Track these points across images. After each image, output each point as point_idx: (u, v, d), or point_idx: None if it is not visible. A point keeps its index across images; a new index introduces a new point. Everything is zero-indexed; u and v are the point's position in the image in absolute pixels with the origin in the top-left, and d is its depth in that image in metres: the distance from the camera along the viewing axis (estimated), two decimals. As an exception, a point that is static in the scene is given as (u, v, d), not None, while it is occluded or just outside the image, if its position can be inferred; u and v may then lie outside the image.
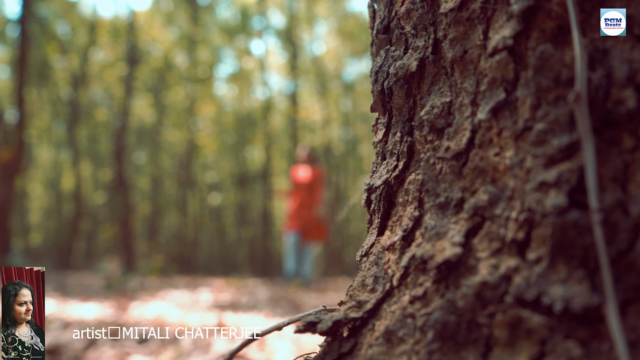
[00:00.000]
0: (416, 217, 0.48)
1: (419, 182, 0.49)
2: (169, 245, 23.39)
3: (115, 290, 4.21)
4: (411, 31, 0.54)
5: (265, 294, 3.86)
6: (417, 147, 0.51)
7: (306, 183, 6.31)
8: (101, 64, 16.56)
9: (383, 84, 0.56)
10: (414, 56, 0.53)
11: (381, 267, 0.50)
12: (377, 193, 0.54)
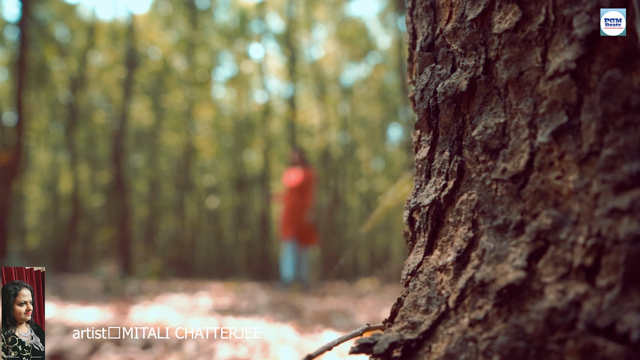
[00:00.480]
0: (471, 238, 0.48)
1: (473, 202, 0.49)
2: (167, 249, 23.32)
3: (113, 294, 4.19)
4: (459, 50, 0.53)
5: (265, 298, 3.85)
6: (467, 166, 0.51)
7: (297, 186, 6.24)
8: (100, 67, 16.53)
9: (429, 102, 0.55)
10: (463, 75, 0.52)
11: (434, 287, 0.49)
12: (424, 211, 0.54)
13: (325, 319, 2.59)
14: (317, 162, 22.18)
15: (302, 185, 6.22)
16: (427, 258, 0.53)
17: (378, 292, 5.72)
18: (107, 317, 2.54)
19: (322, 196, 21.39)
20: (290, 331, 2.20)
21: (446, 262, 0.50)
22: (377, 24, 20.62)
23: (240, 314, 2.82)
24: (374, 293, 5.34)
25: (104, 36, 15.91)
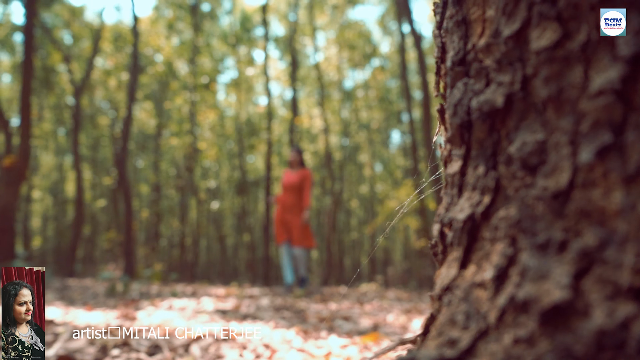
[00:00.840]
0: (510, 255, 0.48)
1: (511, 219, 0.48)
2: (169, 252, 23.33)
3: (118, 297, 4.19)
4: (493, 65, 0.53)
5: (268, 302, 3.84)
6: (503, 182, 0.51)
7: (296, 186, 6.14)
8: (104, 71, 16.58)
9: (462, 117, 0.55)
10: (499, 91, 0.52)
11: (472, 303, 0.49)
12: (458, 226, 0.53)
13: (329, 324, 2.59)
14: (319, 166, 22.20)
15: (301, 185, 6.14)
16: (462, 273, 0.53)
17: (380, 296, 5.71)
18: (113, 321, 2.54)
19: (324, 200, 21.39)
20: (296, 336, 2.20)
21: (484, 278, 0.49)
22: (378, 29, 20.66)
23: (244, 318, 2.82)
24: (376, 298, 5.33)
25: (108, 40, 15.96)
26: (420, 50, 6.91)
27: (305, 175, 6.14)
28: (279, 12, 20.58)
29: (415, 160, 10.54)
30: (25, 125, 6.43)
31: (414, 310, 3.53)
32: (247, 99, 23.21)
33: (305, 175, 6.14)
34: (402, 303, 4.50)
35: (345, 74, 21.46)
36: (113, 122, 18.01)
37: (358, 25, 19.46)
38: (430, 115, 6.84)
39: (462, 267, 0.53)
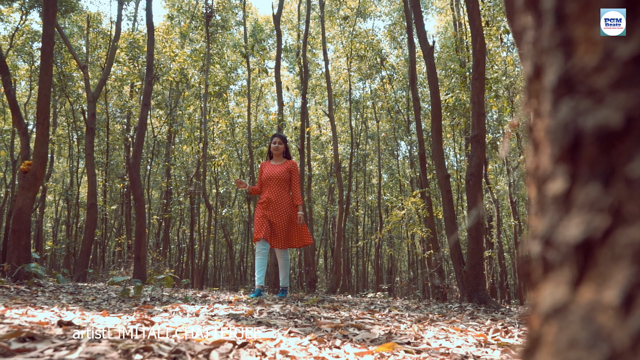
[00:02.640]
0: (634, 279, 0.49)
1: (634, 241, 0.49)
2: (177, 257, 23.41)
3: (130, 301, 4.25)
4: (606, 85, 0.53)
5: (279, 309, 3.89)
6: (622, 203, 0.51)
7: (277, 179, 5.47)
8: (118, 78, 16.80)
9: (570, 136, 0.55)
10: (612, 111, 0.52)
11: (594, 326, 0.49)
12: (569, 246, 0.53)
13: (342, 332, 2.63)
14: (327, 174, 22.24)
15: (287, 178, 5.50)
16: (578, 294, 0.53)
17: (388, 305, 5.73)
18: (131, 325, 2.61)
19: (331, 208, 21.41)
20: (311, 344, 2.25)
21: (606, 300, 0.50)
22: (387, 40, 20.75)
23: (258, 324, 2.87)
24: (386, 306, 5.37)
25: (122, 48, 16.18)
26: (432, 61, 6.97)
27: (292, 168, 5.52)
28: (291, 23, 20.77)
29: (424, 170, 10.58)
30: (43, 131, 6.56)
31: (425, 320, 3.57)
32: (258, 107, 23.35)
33: (292, 168, 5.52)
34: (412, 312, 4.54)
35: (353, 80, 21.57)
36: (126, 128, 18.21)
37: (368, 36, 19.58)
38: (441, 126, 6.88)
39: (574, 289, 0.53)
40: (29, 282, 5.57)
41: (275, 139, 5.69)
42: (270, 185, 5.48)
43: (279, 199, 5.44)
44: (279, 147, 5.66)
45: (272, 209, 5.41)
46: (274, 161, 5.66)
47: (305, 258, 13.64)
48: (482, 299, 6.02)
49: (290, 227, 5.45)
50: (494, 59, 13.98)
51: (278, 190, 5.46)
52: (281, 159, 5.66)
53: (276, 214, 5.40)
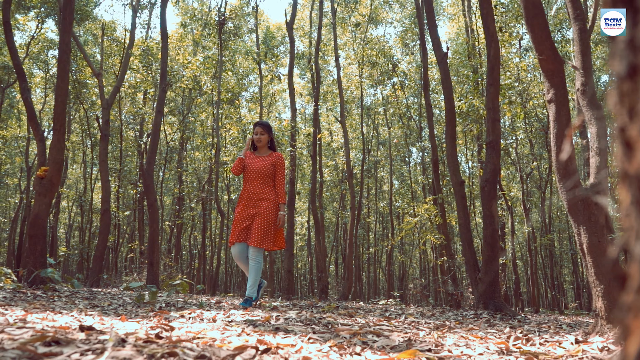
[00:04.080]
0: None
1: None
2: (190, 263, 23.49)
3: (146, 307, 4.26)
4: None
5: (295, 316, 3.88)
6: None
7: (260, 173, 4.87)
8: (132, 85, 16.97)
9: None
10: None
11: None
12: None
13: (361, 339, 2.62)
14: (338, 181, 22.23)
15: (271, 173, 4.90)
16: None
17: (403, 312, 5.70)
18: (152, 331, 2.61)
19: (343, 214, 21.39)
20: (331, 350, 2.24)
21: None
22: (399, 46, 20.77)
23: (276, 330, 2.86)
24: (400, 313, 5.33)
25: (136, 56, 16.36)
26: (446, 67, 6.95)
27: (277, 161, 4.92)
28: (302, 30, 20.87)
29: (437, 176, 10.53)
30: (59, 137, 6.62)
31: (444, 327, 3.54)
32: (270, 114, 23.44)
33: (277, 161, 4.92)
34: (427, 319, 4.50)
35: (365, 87, 21.59)
36: (139, 134, 18.37)
37: (379, 42, 19.62)
38: (455, 133, 6.85)
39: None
40: (45, 287, 5.61)
41: (257, 129, 4.98)
42: (251, 179, 4.88)
43: (260, 194, 4.83)
44: (261, 139, 4.97)
45: (253, 205, 4.82)
46: (258, 152, 5.02)
47: (317, 265, 13.61)
48: (497, 306, 5.96)
49: (268, 227, 4.79)
50: (507, 65, 13.93)
51: (260, 185, 4.85)
52: (266, 151, 5.01)
53: (256, 210, 4.80)
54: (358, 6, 18.90)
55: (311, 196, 13.56)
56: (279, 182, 4.90)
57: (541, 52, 3.09)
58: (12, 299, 4.07)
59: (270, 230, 4.79)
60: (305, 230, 28.62)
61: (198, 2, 20.27)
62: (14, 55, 7.79)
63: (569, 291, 29.92)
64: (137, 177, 18.99)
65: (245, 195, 4.87)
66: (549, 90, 3.23)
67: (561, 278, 23.15)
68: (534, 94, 15.27)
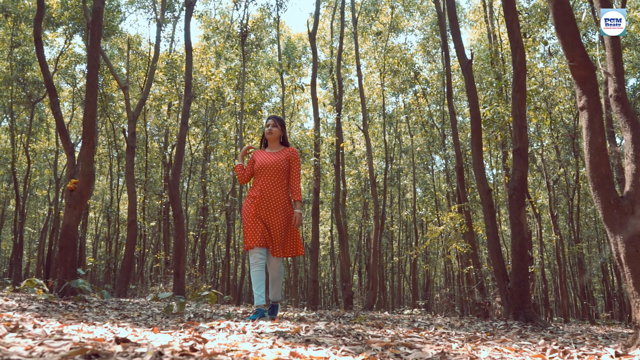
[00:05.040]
0: None
1: None
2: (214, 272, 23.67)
3: (174, 318, 4.29)
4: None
5: (324, 325, 3.86)
6: None
7: (273, 170, 4.43)
8: (156, 97, 17.28)
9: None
10: None
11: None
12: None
13: (393, 351, 2.59)
14: (361, 190, 22.18)
15: (286, 169, 4.47)
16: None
17: (431, 323, 5.63)
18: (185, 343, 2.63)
19: (366, 223, 21.31)
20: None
21: None
22: (420, 54, 20.72)
23: (307, 342, 2.85)
24: (429, 324, 5.27)
25: (161, 69, 16.66)
26: (470, 74, 6.90)
27: (291, 156, 4.51)
28: (323, 40, 20.99)
29: (462, 184, 10.42)
30: (88, 150, 6.76)
31: (476, 339, 3.48)
32: (292, 124, 23.59)
33: (291, 156, 4.51)
34: (457, 330, 4.44)
35: (387, 98, 21.58)
36: (163, 146, 18.64)
37: (401, 50, 19.60)
38: (481, 140, 6.78)
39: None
40: (75, 297, 5.71)
41: (269, 121, 4.59)
42: (263, 176, 4.43)
43: (274, 194, 4.39)
44: (272, 131, 4.56)
45: (267, 207, 4.35)
46: (269, 148, 4.63)
47: (341, 274, 13.57)
48: (528, 316, 5.84)
49: (286, 231, 4.41)
50: (531, 71, 13.76)
51: (273, 183, 4.41)
52: (277, 146, 4.62)
53: (271, 214, 4.35)
54: (379, 15, 18.93)
55: (335, 205, 13.55)
56: (294, 178, 4.48)
57: (572, 58, 3.05)
58: (45, 310, 4.14)
59: (289, 235, 4.46)
60: (328, 239, 28.59)
61: (220, 15, 20.59)
62: (44, 71, 8.00)
63: (599, 300, 29.22)
64: (162, 188, 19.27)
65: (256, 194, 4.40)
66: (581, 97, 3.18)
67: (590, 287, 22.62)
68: (559, 100, 15.05)
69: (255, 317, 4.14)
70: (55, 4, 16.35)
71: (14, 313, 3.51)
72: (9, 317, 3.21)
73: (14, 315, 3.30)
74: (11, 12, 17.62)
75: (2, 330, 2.33)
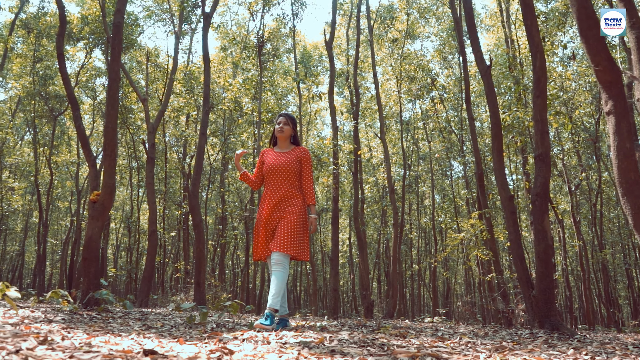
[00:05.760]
0: None
1: None
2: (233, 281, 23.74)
3: (199, 329, 4.30)
4: None
5: (348, 335, 3.83)
6: None
7: (284, 170, 4.17)
8: (175, 108, 17.48)
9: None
10: None
11: None
12: None
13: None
14: (379, 197, 22.10)
15: (297, 170, 4.21)
16: None
17: (454, 332, 5.55)
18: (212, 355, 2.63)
19: (385, 230, 21.21)
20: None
21: None
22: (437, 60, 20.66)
23: (332, 353, 2.83)
24: (453, 333, 5.20)
25: (179, 81, 16.87)
26: (490, 80, 6.85)
27: (303, 156, 4.24)
28: (339, 48, 21.06)
29: (482, 190, 10.31)
30: (110, 163, 6.85)
31: (504, 349, 3.43)
32: (308, 132, 23.66)
33: (303, 156, 4.24)
34: (483, 339, 4.37)
35: (404, 105, 21.53)
36: (182, 156, 18.84)
37: (417, 57, 19.56)
38: (502, 147, 6.71)
39: None
40: (99, 308, 5.76)
41: (280, 119, 4.32)
42: (273, 179, 4.18)
43: (285, 195, 4.14)
44: (284, 129, 4.28)
45: (277, 209, 4.13)
46: (279, 148, 4.37)
47: (361, 283, 13.50)
48: (554, 325, 5.73)
49: (295, 231, 4.07)
50: (551, 75, 13.61)
51: (285, 185, 4.15)
52: (288, 145, 4.35)
53: (281, 214, 4.11)
54: (394, 22, 18.94)
55: (354, 214, 13.52)
56: (307, 180, 4.21)
57: (597, 63, 3.01)
58: (71, 321, 4.19)
59: (298, 235, 4.06)
60: (346, 247, 28.51)
61: (237, 26, 20.81)
62: (67, 85, 8.15)
63: (625, 307, 28.60)
64: (181, 198, 19.44)
65: (267, 199, 4.15)
66: (607, 102, 3.13)
67: (615, 293, 22.16)
68: (579, 103, 14.86)
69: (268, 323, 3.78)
70: (76, 19, 16.69)
71: (41, 325, 3.56)
72: (37, 328, 3.25)
73: (41, 327, 3.35)
74: (33, 28, 18.04)
75: (33, 342, 2.36)
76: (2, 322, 3.55)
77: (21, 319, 3.92)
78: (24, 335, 2.72)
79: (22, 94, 19.65)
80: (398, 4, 18.82)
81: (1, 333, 2.74)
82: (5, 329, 3.00)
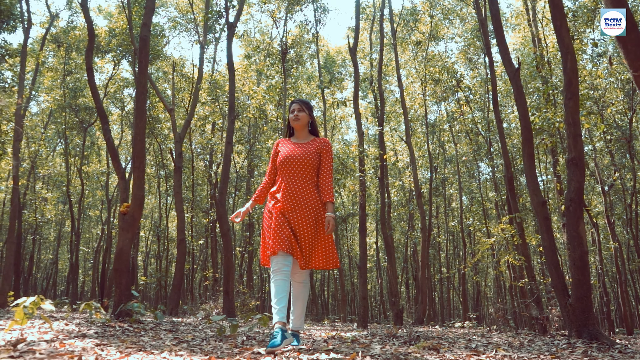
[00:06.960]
0: None
1: None
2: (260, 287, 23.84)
3: (229, 342, 4.29)
4: None
5: (380, 350, 3.77)
6: None
7: (301, 164, 3.58)
8: (201, 117, 17.67)
9: None
10: None
11: None
12: None
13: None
14: (405, 201, 21.90)
15: (315, 163, 3.62)
16: None
17: (487, 341, 5.42)
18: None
19: (413, 235, 20.98)
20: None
21: None
22: (462, 61, 20.39)
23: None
24: (486, 344, 5.07)
25: (204, 90, 17.05)
26: (519, 83, 6.70)
27: (323, 148, 3.66)
28: (362, 52, 21.00)
29: (513, 194, 10.10)
30: (139, 174, 6.93)
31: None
32: (333, 137, 23.64)
33: (323, 148, 3.66)
34: (519, 352, 4.25)
35: (429, 107, 21.32)
36: (209, 164, 19.03)
37: (442, 59, 19.36)
38: (533, 151, 6.55)
39: None
40: (130, 319, 5.82)
41: (294, 106, 3.75)
42: (288, 172, 3.58)
43: (302, 193, 3.54)
44: (299, 117, 3.70)
45: (293, 209, 3.52)
46: (296, 138, 3.78)
47: (389, 289, 13.37)
48: (592, 334, 5.54)
49: (316, 239, 3.57)
50: (580, 74, 13.28)
51: (302, 181, 3.56)
52: (306, 135, 3.77)
53: (299, 218, 3.51)
54: (418, 24, 18.78)
55: (381, 220, 13.41)
56: (325, 174, 3.62)
57: (636, 68, 2.88)
58: (104, 335, 4.23)
59: (320, 243, 3.58)
60: (373, 251, 28.34)
61: (260, 34, 20.95)
62: (96, 99, 8.30)
63: (664, 310, 27.64)
64: (208, 206, 19.61)
65: (281, 192, 3.56)
66: (648, 107, 3.00)
67: (654, 295, 21.43)
68: (611, 101, 14.45)
69: (278, 344, 3.15)
70: (104, 32, 17.05)
71: (75, 340, 3.60)
72: (71, 345, 3.28)
73: (75, 344, 3.38)
74: (63, 42, 18.50)
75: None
76: (38, 338, 3.61)
77: (56, 334, 3.98)
78: (59, 355, 2.75)
79: (54, 106, 20.16)
80: (421, 6, 18.66)
81: (37, 353, 2.78)
82: (40, 347, 3.04)
